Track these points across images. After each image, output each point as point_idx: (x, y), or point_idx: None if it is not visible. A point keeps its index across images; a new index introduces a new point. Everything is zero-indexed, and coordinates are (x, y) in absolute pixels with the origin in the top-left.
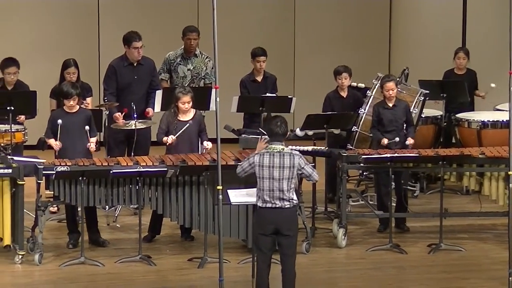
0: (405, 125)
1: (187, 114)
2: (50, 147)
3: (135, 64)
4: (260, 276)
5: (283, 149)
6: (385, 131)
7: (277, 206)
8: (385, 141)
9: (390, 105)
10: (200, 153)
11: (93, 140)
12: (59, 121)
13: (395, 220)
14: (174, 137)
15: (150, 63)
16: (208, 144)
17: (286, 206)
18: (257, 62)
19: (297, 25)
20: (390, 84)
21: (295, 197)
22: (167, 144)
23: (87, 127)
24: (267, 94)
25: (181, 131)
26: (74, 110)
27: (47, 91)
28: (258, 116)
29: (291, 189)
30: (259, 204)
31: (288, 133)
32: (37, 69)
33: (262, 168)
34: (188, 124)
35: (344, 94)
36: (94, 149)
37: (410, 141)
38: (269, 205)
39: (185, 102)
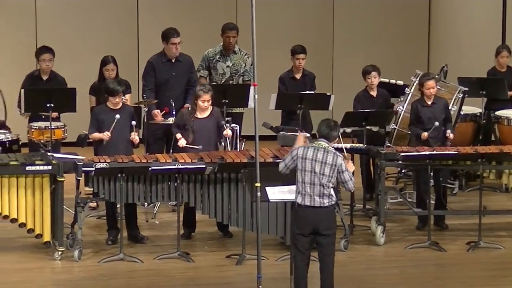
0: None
1: (205, 112)
2: (90, 143)
3: (173, 61)
4: (299, 275)
5: (328, 147)
6: (424, 129)
7: (316, 204)
8: (425, 134)
9: (429, 102)
10: (219, 145)
11: (136, 138)
12: (117, 116)
13: (434, 217)
14: (184, 144)
15: (188, 60)
16: (227, 133)
17: (325, 205)
18: (297, 59)
19: (336, 22)
20: (431, 83)
21: (334, 194)
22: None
23: (133, 122)
24: (306, 92)
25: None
26: (118, 107)
27: (86, 88)
28: (296, 113)
29: (331, 188)
30: (299, 200)
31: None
32: (77, 66)
33: (305, 160)
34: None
35: (373, 93)
36: (138, 140)
37: (450, 135)
38: (307, 201)
39: (205, 100)
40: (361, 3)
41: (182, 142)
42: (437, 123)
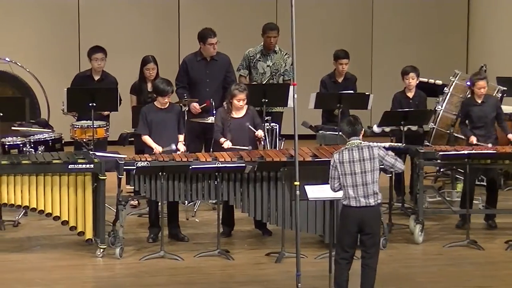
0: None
1: (241, 111)
2: (131, 142)
3: (208, 60)
4: (341, 274)
5: (361, 142)
6: (474, 127)
7: (362, 204)
8: (473, 139)
9: (479, 101)
10: (254, 145)
11: (181, 138)
12: (173, 146)
13: (486, 214)
14: (230, 145)
15: (225, 58)
16: (258, 133)
17: (371, 204)
18: (340, 64)
19: (375, 21)
20: (482, 83)
21: (379, 192)
22: (222, 146)
23: (173, 147)
24: (345, 91)
25: (239, 148)
26: (165, 106)
27: (127, 87)
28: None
29: (376, 182)
30: (344, 202)
31: (364, 129)
32: (118, 65)
33: (343, 164)
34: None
35: (410, 94)
36: (183, 149)
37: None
38: (353, 202)
39: (241, 99)
40: (400, 3)
41: (227, 144)
42: (490, 145)
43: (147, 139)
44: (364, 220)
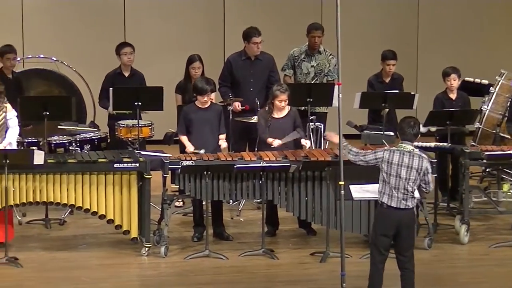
0: None
1: (282, 112)
2: (176, 141)
3: (252, 59)
4: (376, 275)
5: (413, 149)
6: None
7: (401, 206)
8: None
9: None
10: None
11: (222, 136)
12: (202, 151)
13: None
14: (280, 142)
15: (269, 58)
16: (307, 143)
17: (409, 207)
18: (387, 65)
19: (420, 20)
20: None
21: (417, 194)
22: (272, 146)
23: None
24: (390, 91)
25: (289, 138)
26: (206, 106)
27: (172, 86)
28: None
29: (415, 189)
30: (384, 200)
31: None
32: (163, 64)
33: (391, 165)
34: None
35: (453, 96)
36: (224, 146)
37: None
38: (394, 203)
39: (282, 100)
40: (446, 2)
41: (277, 142)
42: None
43: (183, 138)
44: (402, 222)
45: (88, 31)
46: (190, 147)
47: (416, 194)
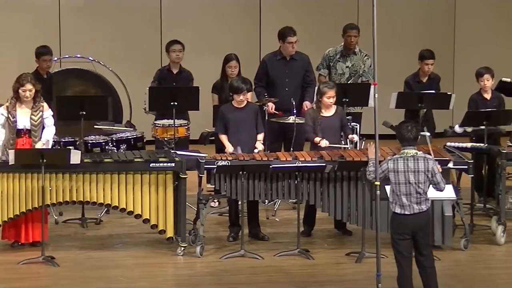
0: None
1: (330, 109)
2: (212, 141)
3: (288, 59)
4: (405, 278)
5: (416, 153)
6: None
7: (415, 211)
8: None
9: None
10: (346, 146)
11: (260, 137)
12: (239, 150)
13: None
14: (328, 143)
15: (305, 58)
16: (354, 137)
17: (424, 210)
18: (425, 64)
19: (457, 20)
20: None
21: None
22: (319, 145)
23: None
24: (426, 91)
25: (337, 147)
26: (243, 105)
27: (209, 86)
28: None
29: (427, 191)
30: (397, 210)
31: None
32: (199, 64)
33: (397, 173)
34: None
35: (487, 96)
36: (261, 148)
37: None
38: (407, 211)
39: (330, 96)
40: (482, 2)
41: (325, 142)
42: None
43: (223, 138)
44: (418, 226)
45: (125, 30)
46: (229, 147)
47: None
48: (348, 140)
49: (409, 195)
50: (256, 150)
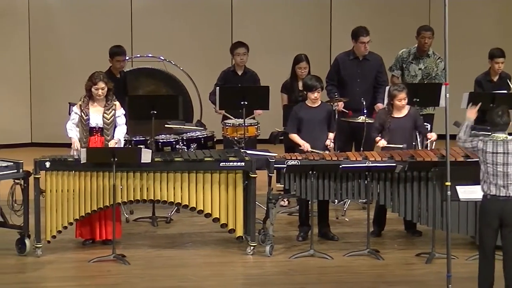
0: None
1: (402, 111)
2: (281, 141)
3: (360, 59)
4: (485, 275)
5: (507, 137)
6: None
7: (502, 194)
8: None
9: None
10: (423, 147)
11: (331, 136)
12: (308, 148)
13: None
14: (385, 142)
15: (377, 58)
16: (432, 136)
17: (510, 196)
18: (496, 63)
19: None
20: None
21: None
22: (377, 144)
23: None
24: (498, 91)
25: (397, 147)
26: (317, 104)
27: (278, 86)
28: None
29: None
30: (484, 188)
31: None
32: (269, 64)
33: (485, 153)
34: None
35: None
36: (331, 145)
37: None
38: (493, 190)
39: (401, 99)
40: None
41: (383, 143)
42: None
43: (294, 137)
44: (505, 212)
45: (196, 30)
46: (306, 145)
47: None
48: (425, 139)
49: (495, 176)
50: (328, 142)
